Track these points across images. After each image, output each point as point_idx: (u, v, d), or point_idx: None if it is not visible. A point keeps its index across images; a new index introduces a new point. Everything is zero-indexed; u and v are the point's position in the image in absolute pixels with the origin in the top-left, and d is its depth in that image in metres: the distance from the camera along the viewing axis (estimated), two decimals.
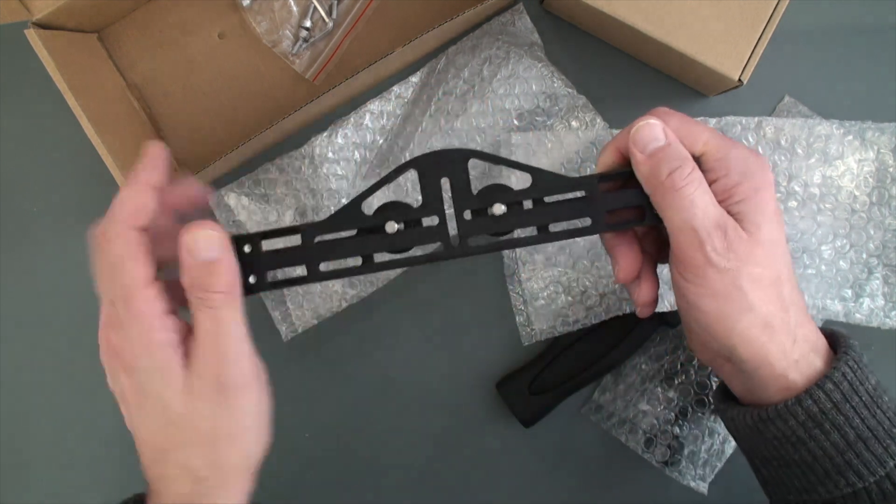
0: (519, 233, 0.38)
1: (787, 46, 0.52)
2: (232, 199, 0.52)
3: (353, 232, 0.37)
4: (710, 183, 0.35)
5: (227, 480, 0.33)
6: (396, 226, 0.36)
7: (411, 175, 0.38)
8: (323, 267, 0.37)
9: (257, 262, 0.36)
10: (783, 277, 0.35)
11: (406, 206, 0.37)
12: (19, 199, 0.54)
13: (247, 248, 0.36)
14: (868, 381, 0.34)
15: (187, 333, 0.33)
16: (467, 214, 0.36)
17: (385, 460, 0.54)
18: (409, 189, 0.51)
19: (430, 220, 0.36)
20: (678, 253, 0.35)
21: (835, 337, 0.37)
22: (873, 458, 0.34)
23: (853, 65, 0.53)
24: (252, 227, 0.52)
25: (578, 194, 0.37)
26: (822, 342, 0.36)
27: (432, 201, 0.36)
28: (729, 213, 0.34)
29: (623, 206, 0.37)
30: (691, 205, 0.34)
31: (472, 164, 0.37)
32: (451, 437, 0.53)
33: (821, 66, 0.53)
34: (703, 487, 0.50)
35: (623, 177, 0.37)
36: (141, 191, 0.33)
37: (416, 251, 0.37)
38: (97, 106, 0.47)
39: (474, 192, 0.36)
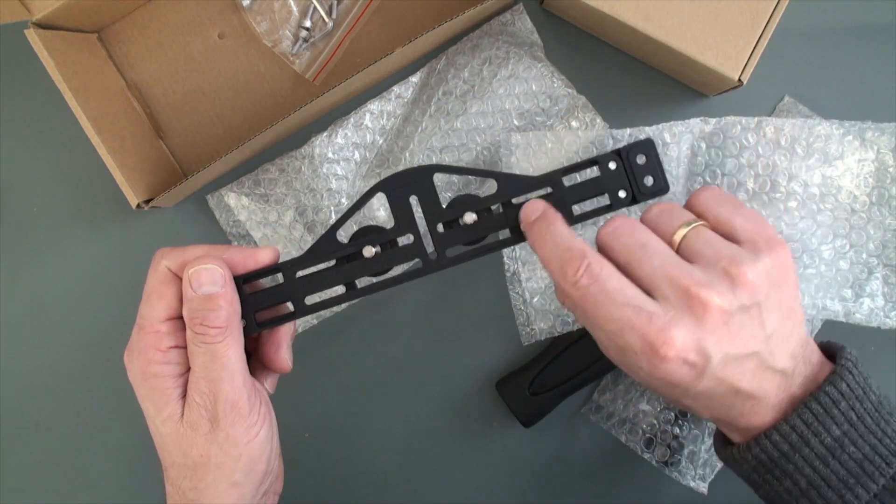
0: (494, 237, 0.39)
1: (787, 46, 0.52)
2: (232, 199, 0.52)
3: (332, 262, 0.37)
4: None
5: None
6: (374, 249, 0.37)
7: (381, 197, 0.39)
8: (308, 300, 0.37)
9: (245, 305, 0.36)
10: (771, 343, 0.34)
11: (380, 229, 0.37)
12: (19, 199, 0.54)
13: None
14: (829, 431, 0.33)
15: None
16: (440, 228, 0.37)
17: (385, 460, 0.54)
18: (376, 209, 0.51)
19: (405, 239, 0.37)
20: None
21: (834, 356, 0.36)
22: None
23: (853, 65, 0.53)
24: (252, 228, 0.52)
25: (545, 192, 0.37)
26: (823, 366, 0.35)
27: (404, 220, 0.37)
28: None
29: (589, 195, 0.38)
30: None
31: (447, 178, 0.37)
32: (451, 437, 0.53)
33: (821, 66, 0.53)
34: (703, 487, 0.50)
35: (584, 166, 0.38)
36: (208, 254, 0.35)
37: (397, 270, 0.38)
38: (97, 106, 0.47)
39: (444, 204, 0.37)
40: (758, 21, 0.46)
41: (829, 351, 0.37)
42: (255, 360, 0.39)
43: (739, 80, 0.46)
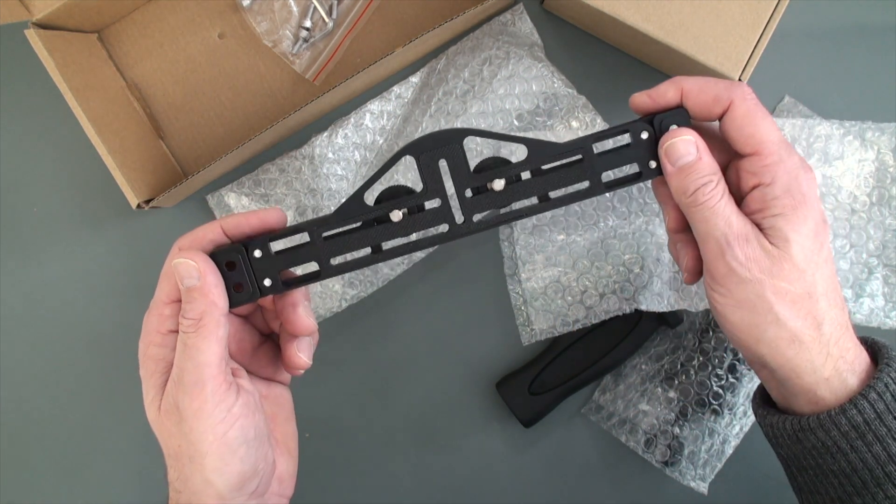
0: (521, 203, 0.38)
1: (787, 46, 0.52)
2: (232, 199, 0.52)
3: (358, 224, 0.37)
4: (753, 187, 0.35)
5: (198, 497, 0.34)
6: (401, 213, 0.37)
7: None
8: (333, 262, 0.37)
9: (270, 265, 0.36)
10: (817, 293, 0.34)
11: (408, 191, 0.37)
12: (20, 199, 0.54)
13: (257, 253, 0.36)
14: None
15: None
16: (468, 193, 0.37)
17: (385, 460, 0.54)
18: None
19: (433, 203, 0.37)
20: (706, 262, 0.36)
21: (877, 347, 0.37)
22: None
23: (853, 65, 0.53)
24: None
25: (574, 158, 0.37)
26: (862, 359, 0.35)
27: (433, 184, 0.37)
28: (762, 224, 0.35)
29: (619, 164, 0.37)
30: (713, 215, 0.35)
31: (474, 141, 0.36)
32: (451, 437, 0.53)
33: (821, 66, 0.53)
34: (703, 487, 0.50)
35: (615, 133, 0.37)
36: (211, 228, 0.36)
37: (423, 234, 0.37)
38: (97, 106, 0.47)
39: (472, 169, 0.37)
40: (758, 21, 0.46)
41: None
42: (283, 329, 0.39)
43: (739, 80, 0.46)
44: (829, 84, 0.53)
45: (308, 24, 0.52)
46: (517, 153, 0.37)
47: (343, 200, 0.37)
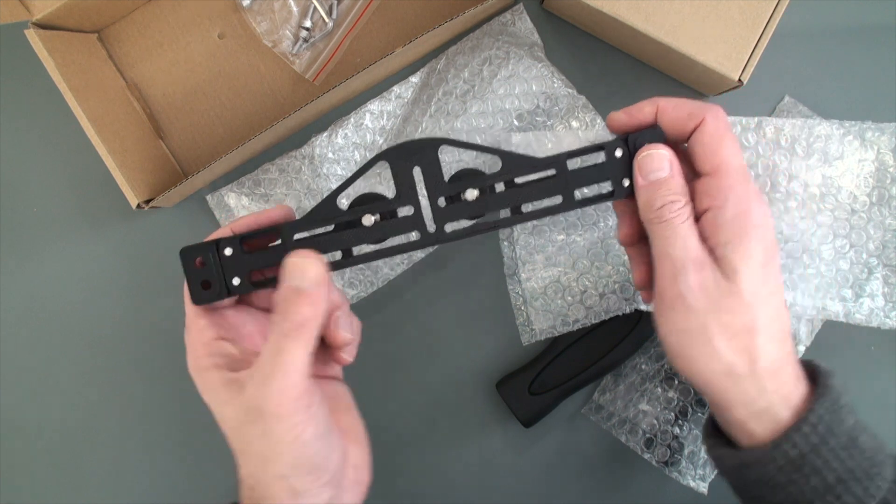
0: (494, 215, 0.39)
1: (787, 46, 0.52)
2: (232, 199, 0.52)
3: (330, 227, 0.37)
4: (706, 209, 0.35)
5: (270, 495, 0.34)
6: (373, 218, 0.37)
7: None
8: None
9: (241, 264, 0.37)
10: (757, 328, 0.34)
11: (381, 198, 0.37)
12: (19, 199, 0.54)
13: (228, 251, 0.36)
14: (845, 421, 0.34)
15: (247, 355, 0.37)
16: (441, 202, 0.37)
17: (385, 460, 0.53)
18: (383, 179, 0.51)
19: (405, 210, 0.37)
20: (657, 282, 0.36)
21: (817, 373, 0.36)
22: (854, 500, 0.33)
23: (853, 65, 0.53)
24: None
25: (549, 173, 0.37)
26: (798, 393, 0.35)
27: (406, 191, 0.37)
28: (714, 252, 0.34)
29: (592, 181, 0.37)
30: (674, 235, 0.35)
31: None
32: (451, 437, 0.53)
33: (821, 66, 0.53)
34: (703, 487, 0.50)
35: (590, 150, 0.37)
36: (222, 232, 0.37)
37: (394, 241, 0.37)
38: (97, 106, 0.47)
39: (447, 178, 0.37)
40: (758, 21, 0.46)
41: None
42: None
43: (739, 80, 0.46)
44: (829, 84, 0.53)
45: (308, 24, 0.52)
46: (493, 165, 0.37)
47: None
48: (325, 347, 0.40)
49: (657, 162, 0.36)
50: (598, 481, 0.53)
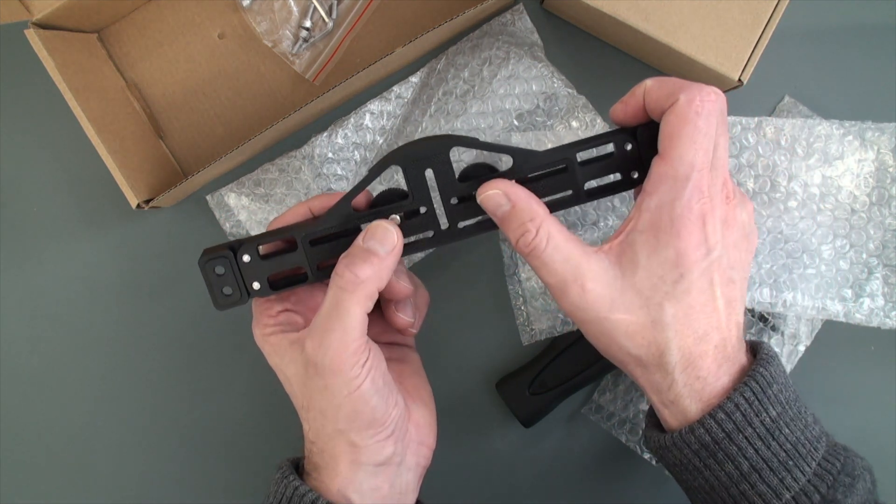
0: None
1: (787, 46, 0.52)
2: (232, 199, 0.52)
3: (344, 229, 0.38)
4: (641, 191, 0.35)
5: (330, 449, 0.36)
6: (398, 217, 0.38)
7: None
8: (321, 265, 0.38)
9: (259, 269, 0.38)
10: (664, 322, 0.34)
11: (402, 195, 0.38)
12: (19, 199, 0.54)
13: (246, 258, 0.38)
14: (768, 411, 0.34)
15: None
16: (454, 200, 0.38)
17: None
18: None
19: (421, 209, 0.38)
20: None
21: (755, 354, 0.36)
22: (768, 489, 0.33)
23: (853, 65, 0.53)
24: (252, 228, 0.52)
25: (558, 167, 0.38)
26: (719, 383, 0.35)
27: (419, 192, 0.38)
28: (626, 238, 0.35)
29: (602, 174, 0.38)
30: (541, 265, 0.35)
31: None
32: (450, 437, 0.53)
33: (821, 66, 0.53)
34: None
35: (598, 143, 0.38)
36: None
37: (408, 240, 0.38)
38: (97, 106, 0.47)
39: (457, 176, 0.38)
40: (758, 21, 0.46)
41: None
42: (381, 294, 0.40)
43: (739, 80, 0.46)
44: (829, 84, 0.53)
45: (308, 24, 0.52)
46: (505, 160, 0.38)
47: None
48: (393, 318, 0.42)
49: (493, 202, 0.36)
50: (598, 481, 0.53)
